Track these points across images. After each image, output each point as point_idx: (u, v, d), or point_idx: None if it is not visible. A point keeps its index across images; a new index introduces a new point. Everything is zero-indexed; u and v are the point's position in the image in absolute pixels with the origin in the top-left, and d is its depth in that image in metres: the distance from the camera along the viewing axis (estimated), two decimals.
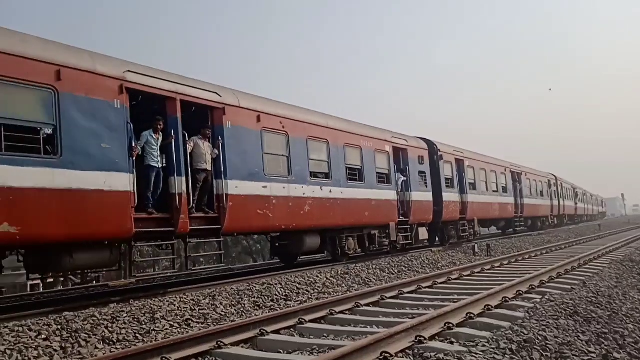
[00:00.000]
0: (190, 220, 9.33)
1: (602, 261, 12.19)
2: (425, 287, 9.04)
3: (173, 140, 9.18)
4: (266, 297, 8.52)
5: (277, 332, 5.91)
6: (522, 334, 4.92)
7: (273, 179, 11.24)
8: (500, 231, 28.63)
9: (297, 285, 9.54)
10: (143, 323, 6.63)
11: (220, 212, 9.96)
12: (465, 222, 20.51)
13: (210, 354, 5.14)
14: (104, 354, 5.51)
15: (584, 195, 51.87)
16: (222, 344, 5.24)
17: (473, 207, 20.98)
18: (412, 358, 4.61)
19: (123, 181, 8.22)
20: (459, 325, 5.65)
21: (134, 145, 8.48)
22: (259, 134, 11.05)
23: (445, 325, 5.48)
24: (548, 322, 5.45)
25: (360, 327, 6.16)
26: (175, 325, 6.74)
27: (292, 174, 11.82)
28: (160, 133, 9.17)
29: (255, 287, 9.08)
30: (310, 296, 8.93)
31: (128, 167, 8.34)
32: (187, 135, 9.53)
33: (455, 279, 10.13)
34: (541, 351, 4.54)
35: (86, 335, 6.00)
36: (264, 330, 5.74)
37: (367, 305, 7.52)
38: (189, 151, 9.55)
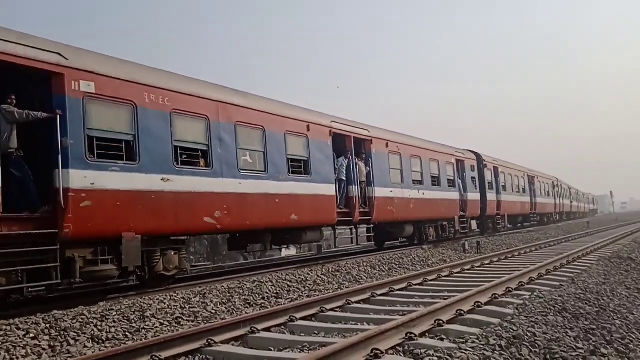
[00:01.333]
0: (359, 214, 14.65)
1: (591, 258, 12.29)
2: (415, 285, 9.07)
3: (352, 163, 14.56)
4: (257, 295, 8.51)
5: (267, 329, 5.91)
6: (512, 331, 4.95)
7: (395, 185, 16.60)
8: (510, 225, 31.49)
9: (288, 283, 9.55)
10: (133, 321, 6.61)
11: (370, 208, 15.26)
12: (499, 216, 26.28)
13: (201, 351, 5.13)
14: (93, 352, 5.48)
15: (577, 194, 57.02)
16: (212, 341, 5.23)
17: (504, 205, 26.77)
18: (402, 355, 4.63)
19: (333, 189, 13.68)
20: (449, 322, 5.68)
21: (336, 167, 14.01)
22: (387, 156, 16.53)
23: (435, 322, 5.51)
24: (537, 319, 5.49)
25: (351, 324, 6.17)
26: (166, 323, 6.71)
27: (404, 182, 17.18)
28: (348, 158, 14.49)
29: (246, 285, 9.07)
30: (301, 294, 8.93)
31: (334, 180, 13.80)
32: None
33: (446, 276, 10.16)
34: (530, 347, 4.57)
35: (75, 334, 5.96)
36: (254, 328, 5.73)
37: (358, 302, 7.54)
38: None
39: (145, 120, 8.83)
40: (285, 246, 17.60)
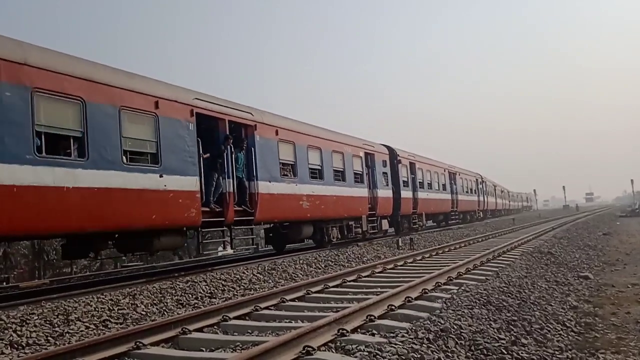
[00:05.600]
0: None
1: (514, 253, 12.91)
2: (350, 281, 9.18)
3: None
4: (190, 295, 8.34)
5: (200, 330, 5.79)
6: (439, 324, 5.13)
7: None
8: (490, 215, 47.03)
9: (223, 282, 9.42)
10: (56, 325, 6.29)
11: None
12: (487, 210, 43.43)
13: (129, 354, 4.95)
14: (10, 359, 5.17)
15: (512, 195, 69.73)
16: (141, 344, 5.05)
17: (488, 204, 43.90)
18: (334, 351, 4.68)
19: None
20: (380, 317, 5.79)
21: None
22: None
23: (367, 317, 5.60)
24: (463, 312, 5.72)
25: (285, 322, 6.16)
26: (92, 326, 6.44)
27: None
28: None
29: (179, 285, 8.87)
30: (235, 293, 8.83)
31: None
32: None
33: (379, 272, 10.37)
34: (456, 339, 4.76)
35: None
36: (186, 328, 5.61)
37: (293, 300, 7.54)
38: None
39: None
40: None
